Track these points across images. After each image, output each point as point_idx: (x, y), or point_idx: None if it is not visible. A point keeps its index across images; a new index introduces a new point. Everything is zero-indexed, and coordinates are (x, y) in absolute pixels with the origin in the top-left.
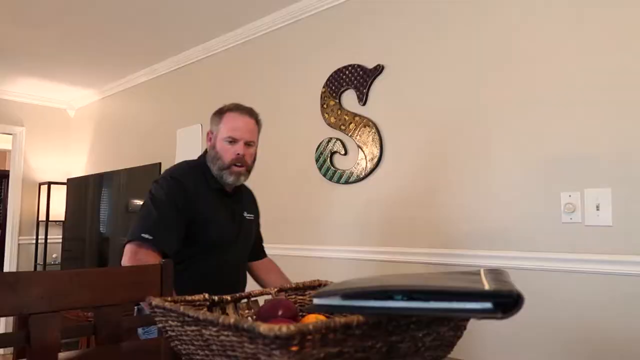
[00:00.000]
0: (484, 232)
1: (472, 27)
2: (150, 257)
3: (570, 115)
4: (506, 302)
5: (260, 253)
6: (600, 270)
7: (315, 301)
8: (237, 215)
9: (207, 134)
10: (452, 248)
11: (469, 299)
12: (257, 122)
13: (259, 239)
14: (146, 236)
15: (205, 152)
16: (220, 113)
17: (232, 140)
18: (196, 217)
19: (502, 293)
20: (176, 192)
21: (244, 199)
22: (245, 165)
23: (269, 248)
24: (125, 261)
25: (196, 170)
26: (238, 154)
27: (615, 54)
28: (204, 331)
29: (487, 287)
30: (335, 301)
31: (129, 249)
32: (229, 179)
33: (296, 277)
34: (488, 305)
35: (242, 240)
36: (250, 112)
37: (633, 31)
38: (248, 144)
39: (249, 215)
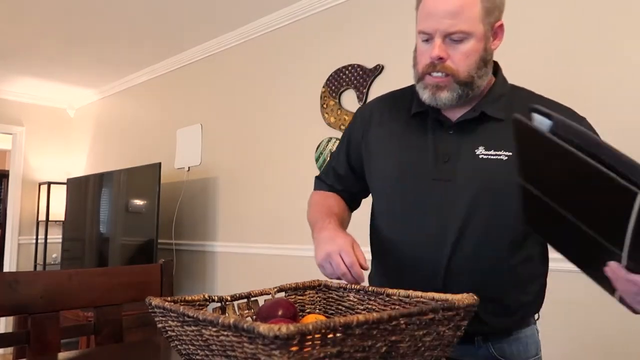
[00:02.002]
0: None
1: None
2: None
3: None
4: None
5: None
6: None
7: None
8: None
9: None
10: None
11: None
12: None
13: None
14: None
15: None
16: None
17: (426, 38)
18: None
19: None
20: None
21: (501, 127)
22: (449, 72)
23: (269, 248)
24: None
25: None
26: (432, 56)
27: (616, 53)
28: (203, 331)
29: None
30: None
31: None
32: (423, 96)
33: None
34: None
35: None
36: None
37: (633, 31)
38: (452, 39)
39: (498, 154)
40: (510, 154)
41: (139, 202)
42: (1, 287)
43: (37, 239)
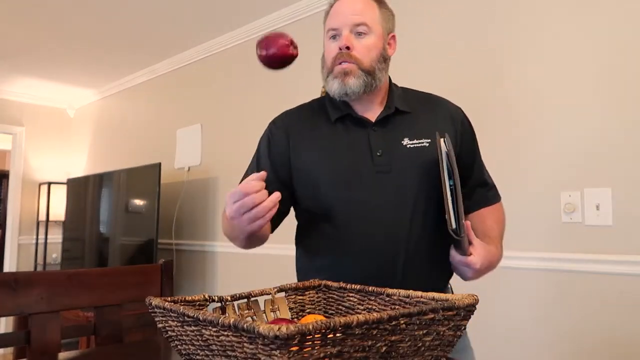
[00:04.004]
0: None
1: (473, 27)
2: None
3: (571, 115)
4: None
5: None
6: (600, 270)
7: None
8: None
9: None
10: None
11: None
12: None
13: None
14: None
15: None
16: (327, 10)
17: (334, 35)
18: None
19: None
20: None
21: (417, 118)
22: (354, 60)
23: (269, 248)
24: None
25: None
26: (340, 45)
27: (617, 54)
28: (203, 331)
29: None
30: None
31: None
32: (333, 87)
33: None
34: None
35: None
36: None
37: (634, 31)
38: (357, 32)
39: (420, 141)
40: (430, 140)
41: (139, 202)
42: (1, 287)
43: (37, 239)
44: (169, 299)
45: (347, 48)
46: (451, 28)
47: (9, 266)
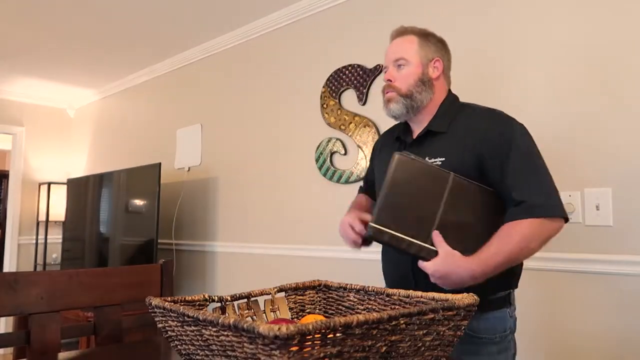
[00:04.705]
0: None
1: (472, 27)
2: None
3: (571, 115)
4: None
5: None
6: (600, 270)
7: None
8: None
9: None
10: None
11: None
12: (411, 33)
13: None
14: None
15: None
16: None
17: (385, 70)
18: None
19: None
20: None
21: (448, 136)
22: (393, 89)
23: (269, 248)
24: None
25: None
26: (385, 79)
27: (617, 52)
28: (203, 331)
29: None
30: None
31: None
32: (385, 110)
33: (296, 277)
34: None
35: None
36: (400, 32)
37: (634, 30)
38: (398, 65)
39: (435, 160)
40: (444, 159)
41: (139, 202)
42: (1, 287)
43: (37, 239)
44: (169, 299)
45: (390, 80)
46: (451, 28)
47: (9, 266)
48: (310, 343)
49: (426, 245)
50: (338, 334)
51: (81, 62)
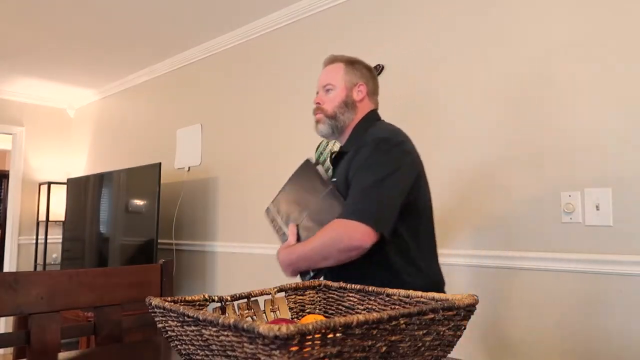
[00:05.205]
0: (484, 232)
1: (472, 27)
2: None
3: (571, 115)
4: None
5: None
6: (600, 270)
7: None
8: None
9: None
10: (452, 248)
11: None
12: (339, 61)
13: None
14: None
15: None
16: None
17: (317, 92)
18: None
19: None
20: None
21: (348, 157)
22: (321, 111)
23: (269, 248)
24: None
25: None
26: (314, 102)
27: (617, 53)
28: (203, 331)
29: None
30: None
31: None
32: (316, 132)
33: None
34: None
35: None
36: (331, 59)
37: (634, 30)
38: (326, 90)
39: (334, 179)
40: (336, 179)
41: (139, 202)
42: (1, 287)
43: (37, 239)
44: (169, 299)
45: (318, 103)
46: (451, 28)
47: (9, 266)
48: (310, 343)
49: (286, 234)
50: (338, 334)
51: (81, 62)
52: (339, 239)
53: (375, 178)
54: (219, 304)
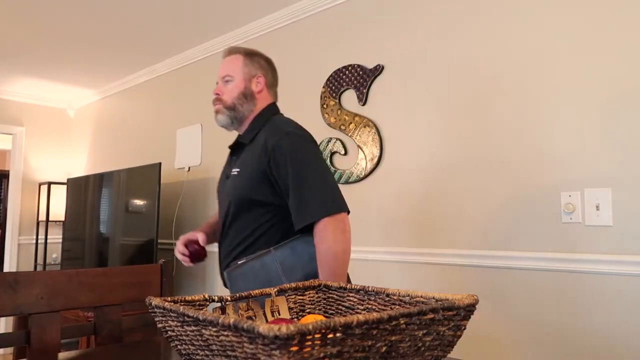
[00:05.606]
0: (484, 232)
1: (472, 27)
2: None
3: (571, 115)
4: None
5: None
6: (600, 270)
7: None
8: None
9: None
10: (452, 248)
11: None
12: (238, 53)
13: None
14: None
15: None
16: None
17: (217, 82)
18: None
19: None
20: None
21: (249, 148)
22: (220, 102)
23: None
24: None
25: None
26: (214, 92)
27: (616, 53)
28: (203, 331)
29: None
30: None
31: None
32: (216, 123)
33: None
34: None
35: (221, 202)
36: (230, 50)
37: (633, 31)
38: (225, 81)
39: (235, 171)
40: (239, 170)
41: (139, 202)
42: (1, 287)
43: (37, 239)
44: (169, 299)
45: (217, 94)
46: (451, 28)
47: (9, 266)
48: (310, 343)
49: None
50: (338, 334)
51: (81, 62)
52: (341, 247)
53: (315, 169)
54: (219, 304)
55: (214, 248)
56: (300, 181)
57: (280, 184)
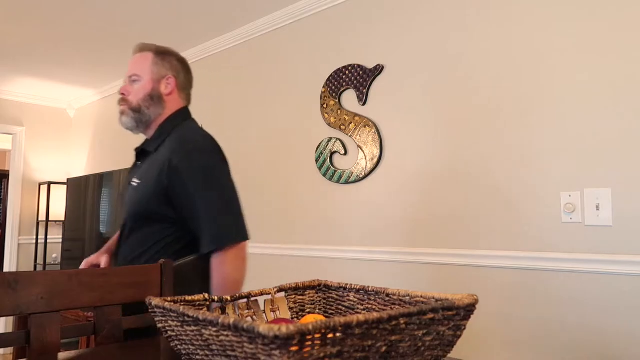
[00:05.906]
0: (484, 232)
1: (472, 27)
2: None
3: (570, 115)
4: None
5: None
6: (600, 270)
7: None
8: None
9: None
10: (452, 248)
11: None
12: (148, 50)
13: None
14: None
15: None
16: None
17: (123, 82)
18: None
19: None
20: None
21: (153, 158)
22: (125, 103)
23: (269, 249)
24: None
25: None
26: (119, 92)
27: (616, 53)
28: (203, 331)
29: None
30: None
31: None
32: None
33: (296, 276)
34: None
35: (125, 214)
36: (140, 47)
37: (634, 31)
38: (132, 80)
39: (135, 181)
40: (140, 181)
41: None
42: (1, 287)
43: (37, 239)
44: (169, 299)
45: (123, 94)
46: (451, 28)
47: (9, 266)
48: (310, 343)
49: None
50: (338, 334)
51: (81, 62)
52: (240, 275)
53: (221, 193)
54: (219, 304)
55: None
56: (206, 205)
57: (183, 204)
